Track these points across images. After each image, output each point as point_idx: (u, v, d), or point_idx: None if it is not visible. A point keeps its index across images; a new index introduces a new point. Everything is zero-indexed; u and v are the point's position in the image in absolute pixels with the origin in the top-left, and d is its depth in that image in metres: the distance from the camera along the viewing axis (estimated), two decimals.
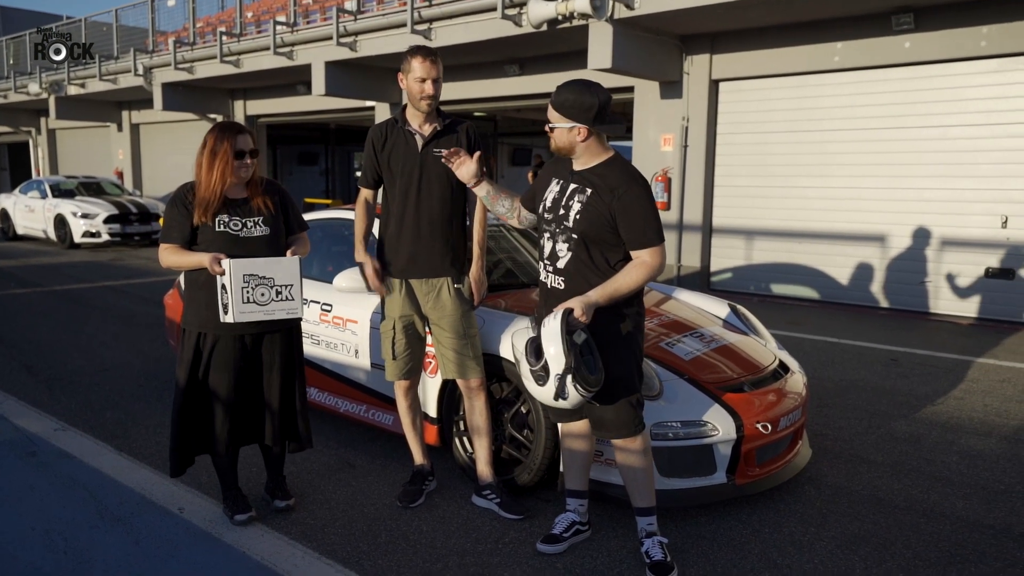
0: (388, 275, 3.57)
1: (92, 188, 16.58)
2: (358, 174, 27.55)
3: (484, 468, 3.62)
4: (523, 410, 3.71)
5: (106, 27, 18.20)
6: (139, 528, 3.32)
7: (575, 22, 9.15)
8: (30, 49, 20.40)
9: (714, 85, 9.95)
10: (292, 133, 22.95)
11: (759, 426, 3.52)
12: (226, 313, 3.12)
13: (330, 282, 4.32)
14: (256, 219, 3.30)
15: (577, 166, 2.98)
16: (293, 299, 3.21)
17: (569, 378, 2.66)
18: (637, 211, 2.82)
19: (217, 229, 3.21)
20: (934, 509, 3.61)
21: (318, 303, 4.54)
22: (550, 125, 2.93)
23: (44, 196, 15.89)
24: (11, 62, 21.20)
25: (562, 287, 2.96)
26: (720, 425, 3.44)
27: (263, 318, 3.16)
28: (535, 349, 2.74)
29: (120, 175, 21.01)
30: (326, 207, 19.52)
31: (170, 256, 3.24)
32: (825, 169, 9.23)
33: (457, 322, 3.49)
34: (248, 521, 3.36)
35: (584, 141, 2.89)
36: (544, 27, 9.40)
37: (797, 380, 4.02)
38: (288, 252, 3.33)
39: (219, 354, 3.29)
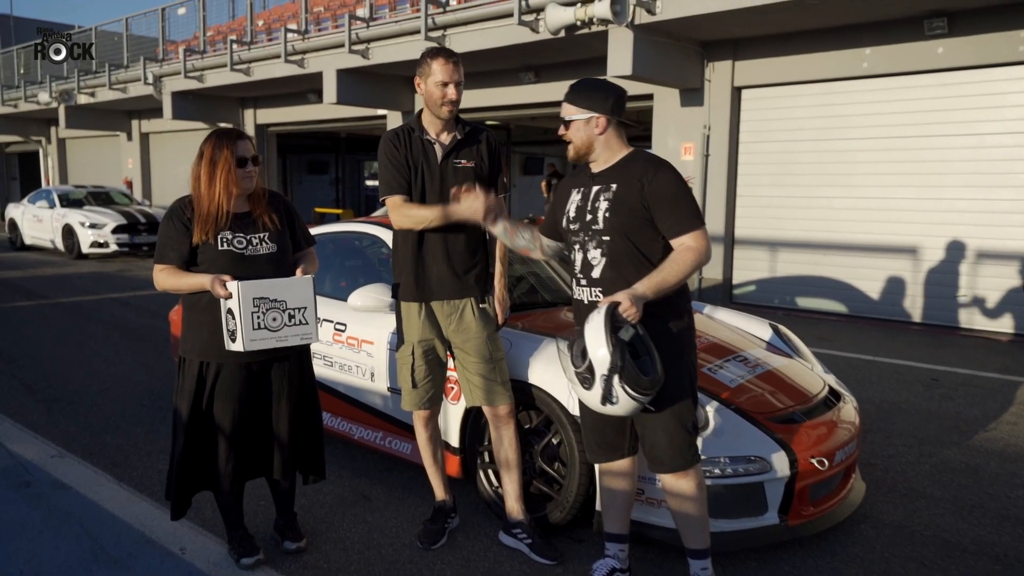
0: (405, 299, 3.28)
1: (101, 198, 16.41)
2: (369, 183, 27.41)
3: (514, 505, 3.32)
4: (554, 441, 3.42)
5: (116, 37, 18.08)
6: (137, 571, 3.04)
7: (594, 28, 8.89)
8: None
9: (736, 92, 9.66)
10: (302, 142, 22.80)
11: (814, 461, 3.21)
12: (233, 341, 2.82)
13: (344, 299, 4.05)
14: (262, 235, 3.01)
15: (596, 168, 2.72)
16: (307, 323, 2.91)
17: (616, 379, 2.38)
18: (671, 194, 2.57)
19: (220, 248, 2.91)
20: (1008, 554, 3.28)
21: (331, 322, 4.26)
22: (567, 118, 2.68)
23: (52, 206, 15.72)
24: (22, 71, 21.13)
25: (600, 299, 2.67)
26: (772, 460, 3.13)
27: (275, 345, 2.86)
28: (581, 350, 2.46)
29: (129, 184, 20.87)
30: (336, 217, 19.38)
31: (167, 279, 2.94)
32: (853, 179, 8.91)
33: (483, 345, 3.21)
34: (256, 565, 3.07)
35: (603, 134, 2.65)
36: (562, 33, 9.14)
37: (849, 409, 3.71)
38: (297, 271, 3.03)
39: (224, 384, 2.99)
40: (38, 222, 16.05)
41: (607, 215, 2.62)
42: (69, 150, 24.38)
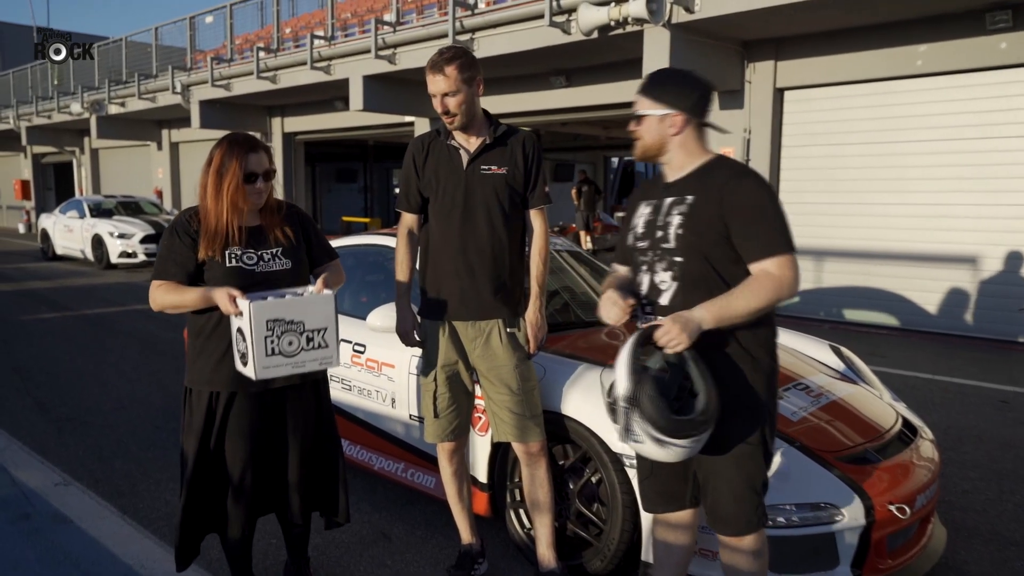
0: (427, 317, 2.95)
1: (131, 207, 16.43)
2: (398, 191, 27.29)
3: (546, 551, 2.96)
4: (593, 480, 3.05)
5: (148, 48, 18.10)
6: None
7: (628, 28, 8.52)
8: (73, 70, 20.52)
9: (779, 94, 9.21)
10: (330, 150, 22.72)
11: (892, 508, 2.80)
12: (244, 365, 2.47)
13: (364, 318, 3.72)
14: (274, 250, 2.68)
15: (671, 175, 2.34)
16: (327, 345, 2.52)
17: (637, 414, 2.05)
18: (754, 208, 2.16)
19: (228, 264, 2.59)
20: None
21: (350, 343, 3.94)
22: (638, 112, 2.29)
23: (83, 216, 15.75)
24: (55, 83, 21.33)
25: None
26: (844, 508, 2.73)
27: (290, 372, 2.50)
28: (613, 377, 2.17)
29: (160, 194, 20.94)
30: (364, 226, 19.20)
31: (165, 295, 2.59)
32: (905, 184, 8.40)
33: (510, 374, 2.86)
34: None
35: (678, 134, 2.26)
36: (595, 34, 8.79)
37: (928, 445, 3.28)
38: (319, 282, 2.59)
39: (236, 417, 2.66)
40: (69, 232, 16.08)
41: (680, 232, 2.23)
42: (102, 160, 24.59)
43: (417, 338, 3.00)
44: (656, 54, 8.40)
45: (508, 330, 2.88)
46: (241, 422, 2.66)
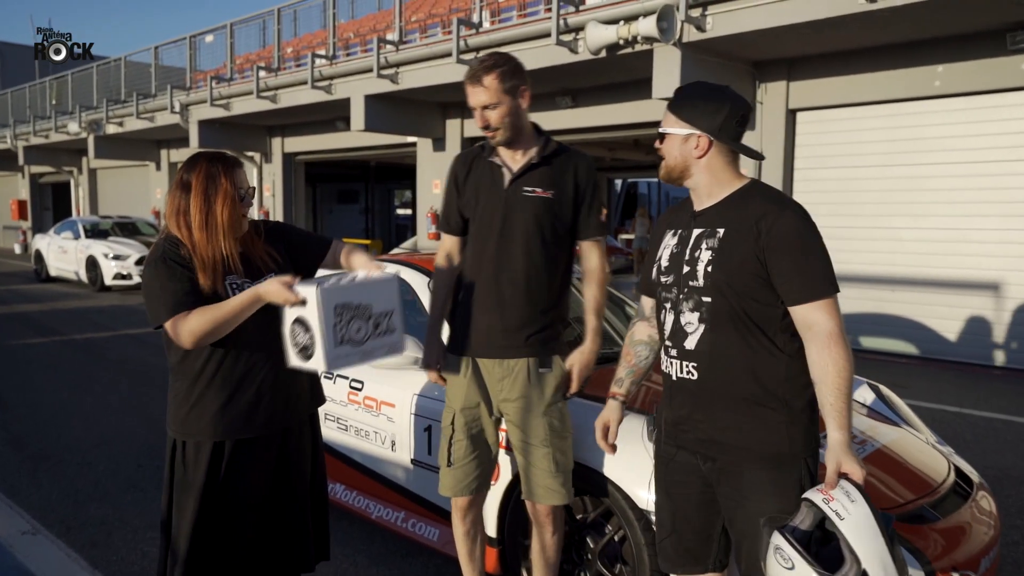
0: (450, 351, 2.65)
1: (127, 228, 16.16)
2: (400, 212, 27.08)
3: None
4: (616, 538, 2.73)
5: (147, 68, 17.94)
6: None
7: (638, 47, 8.29)
8: (71, 89, 20.37)
9: (791, 115, 8.97)
10: (331, 171, 22.53)
11: (955, 575, 2.48)
12: (306, 359, 2.11)
13: None
14: (268, 276, 2.37)
15: (700, 203, 2.05)
16: (395, 330, 2.23)
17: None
18: (797, 244, 1.87)
19: (230, 295, 2.25)
20: None
21: (346, 378, 3.63)
22: (662, 130, 2.03)
23: (77, 237, 15.47)
24: (53, 102, 21.17)
25: (695, 376, 2.00)
26: None
27: (359, 363, 2.17)
28: (848, 551, 1.68)
29: (158, 215, 20.68)
30: (365, 248, 18.96)
31: (198, 320, 2.13)
32: (924, 208, 8.13)
33: (539, 421, 2.54)
34: None
35: (702, 157, 1.98)
36: (603, 53, 8.56)
37: (986, 499, 2.96)
38: (367, 265, 2.27)
39: (240, 468, 2.29)
40: (63, 253, 15.80)
41: (709, 269, 1.95)
42: (100, 180, 24.38)
43: (441, 375, 2.69)
44: (666, 74, 8.17)
45: (540, 370, 2.56)
46: (250, 472, 2.31)
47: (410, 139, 13.56)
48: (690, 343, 1.99)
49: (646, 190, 23.35)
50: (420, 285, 3.59)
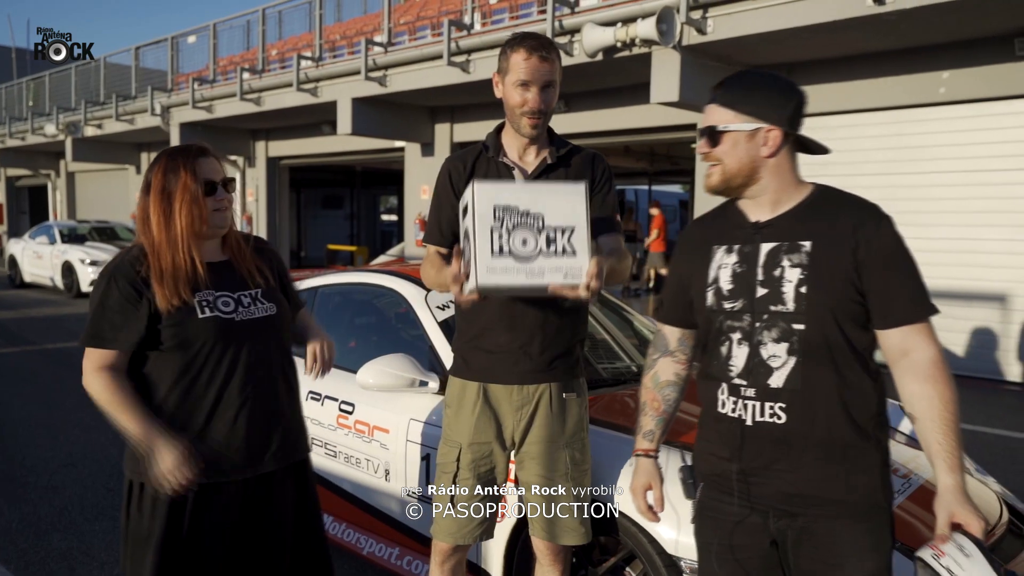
0: (458, 376, 2.31)
1: (105, 233, 15.74)
2: (385, 219, 26.76)
3: None
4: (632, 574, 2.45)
5: (127, 69, 17.50)
6: None
7: (636, 50, 8.04)
8: (48, 90, 19.87)
9: None
10: (316, 176, 22.17)
11: None
12: (467, 279, 1.82)
13: (352, 371, 3.10)
14: (253, 292, 2.07)
15: (761, 213, 1.73)
16: (575, 252, 1.81)
17: None
18: (900, 259, 1.62)
19: (203, 315, 1.96)
20: None
21: (336, 400, 3.32)
22: (719, 127, 1.70)
23: (53, 242, 15.02)
24: (30, 104, 20.66)
25: (782, 420, 1.66)
26: None
27: (524, 282, 1.78)
28: None
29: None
30: (350, 255, 18.57)
31: (99, 389, 1.94)
32: (928, 217, 7.92)
33: (560, 453, 2.23)
34: None
35: (773, 156, 1.69)
36: (600, 56, 8.31)
37: None
38: (306, 328, 2.19)
39: (209, 517, 1.98)
40: (38, 258, 15.33)
41: (802, 290, 1.64)
42: (78, 184, 23.83)
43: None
44: (664, 78, 7.93)
45: (566, 395, 2.25)
46: (218, 523, 1.99)
47: (398, 144, 13.25)
48: (776, 380, 1.66)
49: (633, 197, 23.17)
50: (415, 297, 3.29)
